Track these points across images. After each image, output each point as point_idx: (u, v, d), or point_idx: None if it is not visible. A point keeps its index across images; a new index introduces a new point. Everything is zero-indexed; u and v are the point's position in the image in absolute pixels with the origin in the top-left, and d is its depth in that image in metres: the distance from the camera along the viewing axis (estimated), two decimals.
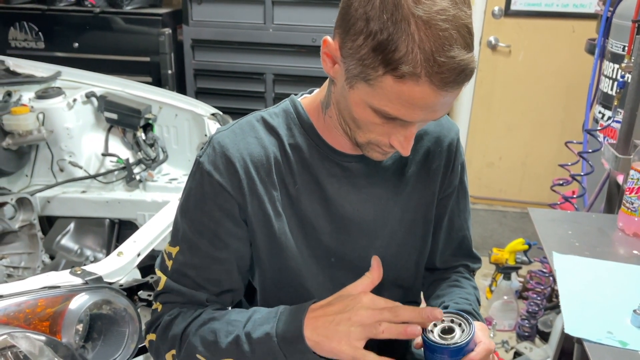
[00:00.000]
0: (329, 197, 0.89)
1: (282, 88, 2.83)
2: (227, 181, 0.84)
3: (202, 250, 0.88)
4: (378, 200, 0.93)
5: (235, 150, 0.85)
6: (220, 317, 0.86)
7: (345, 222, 0.91)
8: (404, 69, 0.66)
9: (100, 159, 2.10)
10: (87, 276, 1.19)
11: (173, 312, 0.89)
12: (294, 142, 0.88)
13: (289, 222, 0.89)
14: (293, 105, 0.90)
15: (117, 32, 2.84)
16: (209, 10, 2.79)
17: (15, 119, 1.90)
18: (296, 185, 0.88)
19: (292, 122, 0.89)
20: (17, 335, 1.05)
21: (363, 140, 0.80)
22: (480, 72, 3.07)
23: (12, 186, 2.04)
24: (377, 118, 0.74)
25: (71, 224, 2.01)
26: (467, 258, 1.09)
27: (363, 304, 0.75)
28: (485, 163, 3.25)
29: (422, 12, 0.65)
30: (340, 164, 0.89)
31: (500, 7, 2.94)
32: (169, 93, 2.23)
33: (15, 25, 2.88)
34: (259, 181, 0.86)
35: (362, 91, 0.72)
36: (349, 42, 0.71)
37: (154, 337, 0.92)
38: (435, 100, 0.69)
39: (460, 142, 1.00)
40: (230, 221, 0.87)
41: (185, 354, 0.86)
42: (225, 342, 0.82)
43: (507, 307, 2.26)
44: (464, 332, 0.75)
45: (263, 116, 0.90)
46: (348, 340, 0.74)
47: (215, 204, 0.85)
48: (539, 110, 3.06)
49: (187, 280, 0.89)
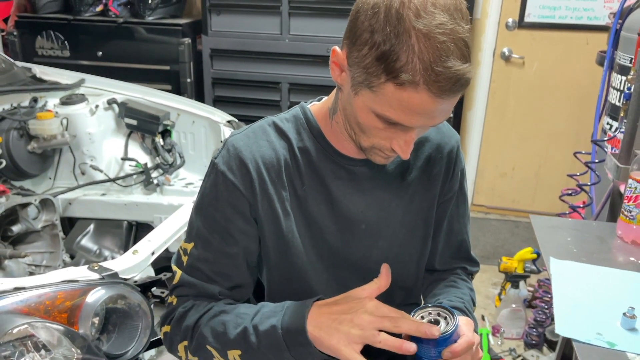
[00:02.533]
0: (334, 199, 0.94)
1: (297, 97, 2.90)
2: (240, 181, 0.90)
3: (214, 245, 0.93)
4: (381, 203, 0.97)
5: (248, 152, 0.91)
6: (230, 310, 0.91)
7: (349, 223, 0.96)
8: (404, 77, 0.71)
9: (120, 163, 2.18)
10: (103, 272, 1.25)
11: (187, 305, 0.94)
12: (302, 145, 0.94)
13: (296, 221, 0.94)
14: (303, 111, 0.96)
15: (139, 41, 2.93)
16: (228, 21, 2.88)
17: (41, 124, 1.99)
18: (304, 186, 0.93)
19: (301, 127, 0.95)
20: (36, 325, 1.12)
21: (367, 145, 0.85)
22: (494, 83, 3.10)
23: (36, 188, 2.13)
24: (379, 123, 0.80)
25: (91, 225, 2.08)
26: (465, 261, 1.13)
27: (367, 308, 0.78)
28: (499, 173, 3.27)
29: (422, 26, 0.71)
30: (346, 167, 0.94)
31: (514, 19, 2.97)
32: (186, 100, 2.30)
33: (42, 34, 2.99)
34: (269, 182, 0.91)
35: (366, 97, 0.78)
36: (355, 51, 0.77)
37: (168, 328, 0.96)
38: (433, 107, 0.74)
39: (461, 150, 1.04)
40: (241, 219, 0.92)
41: (196, 345, 0.91)
42: (233, 334, 0.86)
43: (515, 316, 2.27)
44: (449, 324, 0.79)
45: (274, 121, 0.96)
46: (347, 341, 0.77)
47: (228, 202, 0.91)
48: (553, 121, 3.07)
49: (200, 273, 0.94)
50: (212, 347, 0.89)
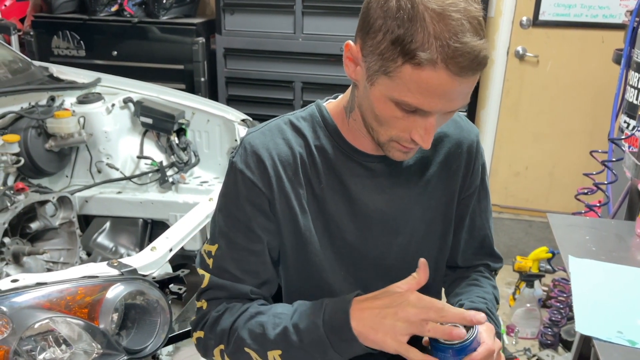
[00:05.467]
0: (352, 196, 0.94)
1: (310, 96, 2.90)
2: (258, 178, 0.90)
3: (238, 243, 0.93)
4: (400, 200, 0.97)
5: (265, 150, 0.91)
6: (266, 310, 0.90)
7: (368, 220, 0.96)
8: (421, 56, 0.71)
9: (136, 162, 2.19)
10: (123, 268, 1.26)
11: (220, 309, 0.94)
12: (319, 143, 0.94)
13: (314, 219, 0.94)
14: (319, 109, 0.96)
15: (153, 41, 2.95)
16: (241, 21, 2.89)
17: (58, 122, 2.01)
18: (321, 184, 0.94)
19: (317, 125, 0.95)
20: (57, 320, 1.13)
21: (385, 139, 0.85)
22: (507, 82, 3.08)
23: (53, 186, 2.15)
24: (398, 111, 0.79)
25: (107, 223, 2.10)
26: (488, 257, 1.12)
27: (410, 301, 0.78)
28: (512, 173, 3.25)
29: (435, 6, 0.71)
30: (363, 164, 0.94)
31: (528, 18, 2.95)
32: (201, 99, 2.32)
33: (58, 34, 3.02)
34: (286, 179, 0.91)
35: (383, 85, 0.77)
36: (369, 40, 0.77)
37: (202, 334, 0.95)
38: (452, 88, 0.74)
39: (481, 145, 1.04)
40: (262, 215, 0.92)
41: (234, 348, 0.90)
42: (273, 334, 0.86)
43: (530, 315, 2.26)
44: (468, 332, 0.78)
45: (290, 119, 0.96)
46: (393, 334, 0.77)
47: (248, 200, 0.91)
48: (567, 120, 3.05)
49: (228, 274, 0.94)
50: (250, 349, 0.88)
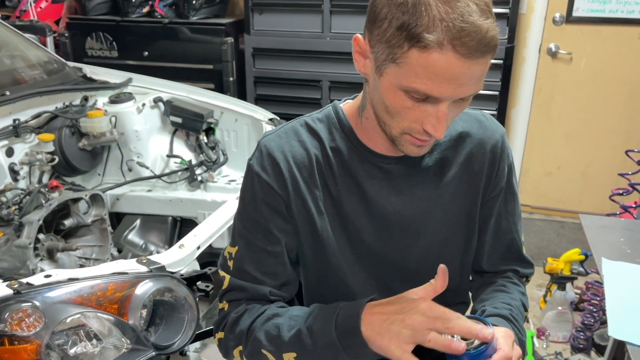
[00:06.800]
0: (369, 198, 0.93)
1: (337, 95, 2.90)
2: (274, 181, 0.91)
3: (257, 245, 0.94)
4: (419, 201, 0.95)
5: (280, 152, 0.92)
6: (283, 313, 0.91)
7: (386, 222, 0.95)
8: (427, 38, 0.71)
9: (165, 160, 2.22)
10: (151, 265, 1.28)
11: (239, 310, 0.95)
12: (334, 145, 0.93)
13: (331, 221, 0.94)
14: (335, 110, 0.96)
15: (183, 41, 2.99)
16: (270, 20, 2.90)
17: (91, 122, 2.05)
18: (337, 186, 0.93)
19: (333, 126, 0.94)
20: (89, 315, 1.16)
21: (397, 132, 0.83)
22: (539, 79, 3.02)
23: (86, 184, 2.20)
24: (408, 101, 0.78)
25: (137, 220, 2.14)
26: (516, 262, 1.07)
27: (420, 309, 0.77)
28: (543, 172, 3.18)
29: None
30: (379, 165, 0.93)
31: (561, 14, 2.89)
32: (229, 99, 2.33)
33: (92, 36, 3.08)
34: (301, 181, 0.92)
35: (392, 74, 0.77)
36: (375, 30, 0.77)
37: (222, 335, 0.97)
38: (461, 71, 0.73)
39: (507, 145, 1.00)
40: (279, 217, 0.93)
41: (251, 349, 0.91)
42: (288, 336, 0.87)
43: (561, 318, 2.21)
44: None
45: (306, 121, 0.96)
46: (398, 341, 0.76)
47: (265, 202, 0.92)
48: (601, 118, 2.97)
49: (248, 275, 0.95)
50: (267, 351, 0.89)
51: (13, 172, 1.90)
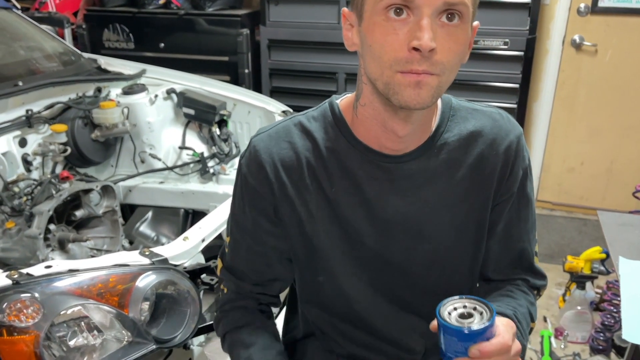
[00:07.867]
0: (369, 200, 0.89)
1: (353, 87, 2.80)
2: (260, 185, 0.91)
3: (244, 244, 0.97)
4: (425, 204, 0.90)
5: (267, 155, 0.90)
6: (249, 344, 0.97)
7: (388, 225, 0.90)
8: None
9: (178, 152, 2.21)
10: (154, 257, 1.27)
11: (225, 308, 1.02)
12: (331, 145, 0.89)
13: (328, 224, 0.91)
14: (331, 107, 0.91)
15: (199, 32, 2.97)
16: (285, 11, 2.87)
17: (103, 113, 2.04)
18: (333, 188, 0.89)
19: (329, 125, 0.90)
20: (89, 307, 1.15)
21: (388, 74, 0.76)
22: (562, 72, 2.93)
23: (99, 175, 2.20)
24: (388, 24, 0.74)
25: (149, 212, 2.14)
26: (526, 272, 1.00)
27: None
28: (566, 168, 3.10)
29: None
30: (381, 165, 0.88)
31: (586, 5, 2.79)
32: (243, 90, 2.32)
33: (109, 27, 3.09)
34: (289, 184, 0.89)
35: (369, 11, 0.76)
36: None
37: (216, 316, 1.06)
38: None
39: (524, 146, 0.93)
40: (266, 220, 0.93)
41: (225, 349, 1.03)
42: None
43: (580, 318, 2.15)
44: (483, 319, 0.71)
45: (301, 120, 0.92)
46: None
47: (252, 205, 0.93)
48: (628, 113, 2.87)
49: (235, 269, 1.00)
50: None
51: (26, 163, 1.91)
